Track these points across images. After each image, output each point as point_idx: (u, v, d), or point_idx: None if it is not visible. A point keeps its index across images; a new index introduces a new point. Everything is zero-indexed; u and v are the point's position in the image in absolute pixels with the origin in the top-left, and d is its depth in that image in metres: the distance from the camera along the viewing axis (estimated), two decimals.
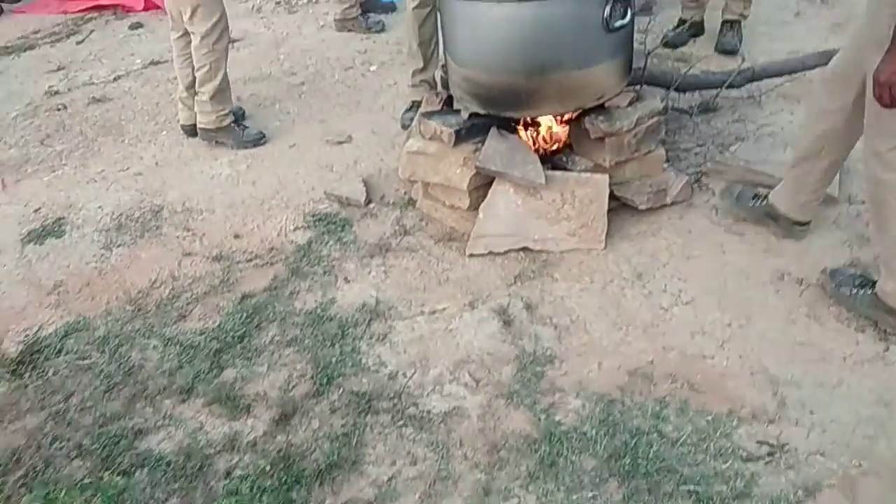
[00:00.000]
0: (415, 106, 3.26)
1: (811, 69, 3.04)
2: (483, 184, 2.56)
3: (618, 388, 1.99)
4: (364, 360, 2.17)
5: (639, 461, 1.78)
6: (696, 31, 3.81)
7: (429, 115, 2.69)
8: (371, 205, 2.85)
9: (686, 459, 1.79)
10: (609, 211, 2.48)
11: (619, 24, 2.27)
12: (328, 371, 2.13)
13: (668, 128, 2.85)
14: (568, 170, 2.56)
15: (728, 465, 1.77)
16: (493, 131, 2.55)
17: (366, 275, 2.50)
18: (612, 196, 2.52)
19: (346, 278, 2.49)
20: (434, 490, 1.79)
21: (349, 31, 4.44)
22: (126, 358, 2.25)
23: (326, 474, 1.84)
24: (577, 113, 2.52)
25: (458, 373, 2.09)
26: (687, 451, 1.81)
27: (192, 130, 3.40)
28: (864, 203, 2.52)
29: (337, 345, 2.22)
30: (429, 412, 1.99)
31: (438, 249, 2.59)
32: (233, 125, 3.32)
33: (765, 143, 2.90)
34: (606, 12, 2.23)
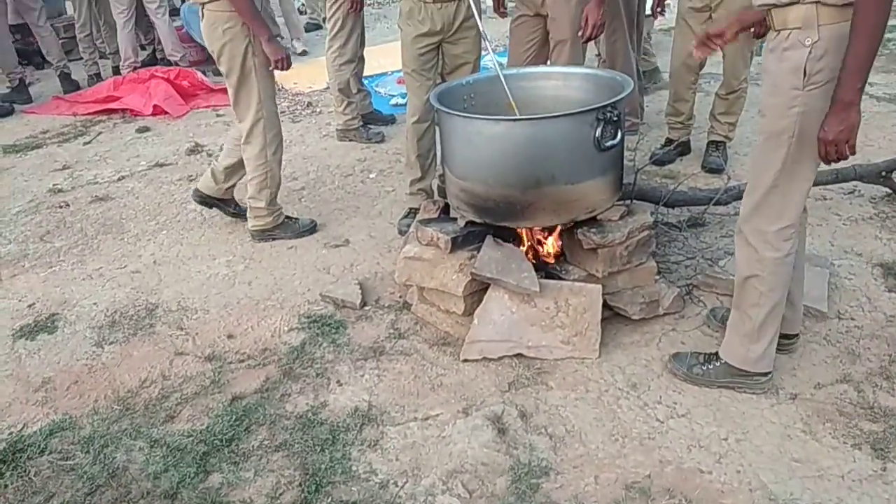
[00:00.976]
0: (412, 213, 3.36)
1: None
2: (478, 290, 2.60)
3: (615, 503, 1.95)
4: (354, 468, 2.12)
5: None
6: (684, 150, 4.00)
7: (426, 222, 2.76)
8: (366, 307, 2.87)
9: None
10: (602, 320, 2.50)
11: (609, 143, 2.38)
12: (317, 478, 2.08)
13: (658, 241, 2.93)
14: (562, 278, 2.61)
15: None
16: (489, 240, 2.62)
17: (359, 378, 2.48)
18: (606, 305, 2.56)
19: (338, 381, 2.48)
20: None
21: (350, 140, 4.62)
22: (111, 459, 2.19)
23: None
24: (571, 224, 2.60)
25: (451, 483, 2.04)
26: None
27: (203, 199, 3.52)
28: (853, 319, 2.57)
29: (327, 451, 2.18)
30: None
31: (433, 354, 2.59)
32: (286, 219, 3.49)
33: None
34: (598, 133, 2.35)
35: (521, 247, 2.69)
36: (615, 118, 2.38)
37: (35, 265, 3.41)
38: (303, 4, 7.95)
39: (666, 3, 4.02)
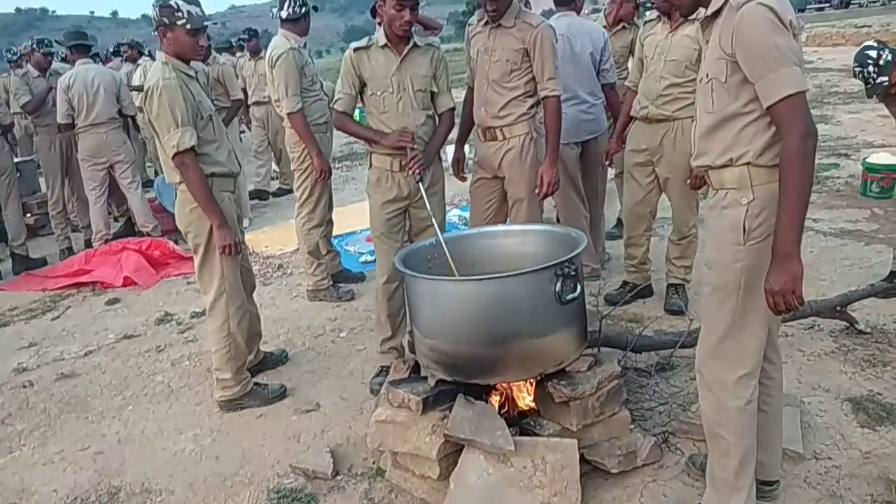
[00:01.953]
0: (384, 371, 3.35)
1: None
2: (453, 451, 2.54)
3: None
4: None
5: None
6: (645, 292, 4.10)
7: (396, 383, 2.75)
8: (339, 476, 2.78)
9: None
10: (581, 475, 2.45)
11: (570, 296, 2.46)
12: None
13: (629, 388, 2.94)
14: (536, 434, 2.57)
15: None
16: (460, 398, 2.60)
17: None
18: (583, 459, 2.51)
19: None
20: None
21: (321, 300, 4.67)
22: None
23: None
24: (540, 377, 2.61)
25: None
26: None
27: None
28: (830, 459, 2.55)
29: None
30: None
31: None
32: (255, 386, 3.45)
33: None
34: (558, 287, 2.43)
35: (493, 397, 2.68)
36: (573, 272, 2.47)
37: None
38: (275, 172, 8.33)
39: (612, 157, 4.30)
